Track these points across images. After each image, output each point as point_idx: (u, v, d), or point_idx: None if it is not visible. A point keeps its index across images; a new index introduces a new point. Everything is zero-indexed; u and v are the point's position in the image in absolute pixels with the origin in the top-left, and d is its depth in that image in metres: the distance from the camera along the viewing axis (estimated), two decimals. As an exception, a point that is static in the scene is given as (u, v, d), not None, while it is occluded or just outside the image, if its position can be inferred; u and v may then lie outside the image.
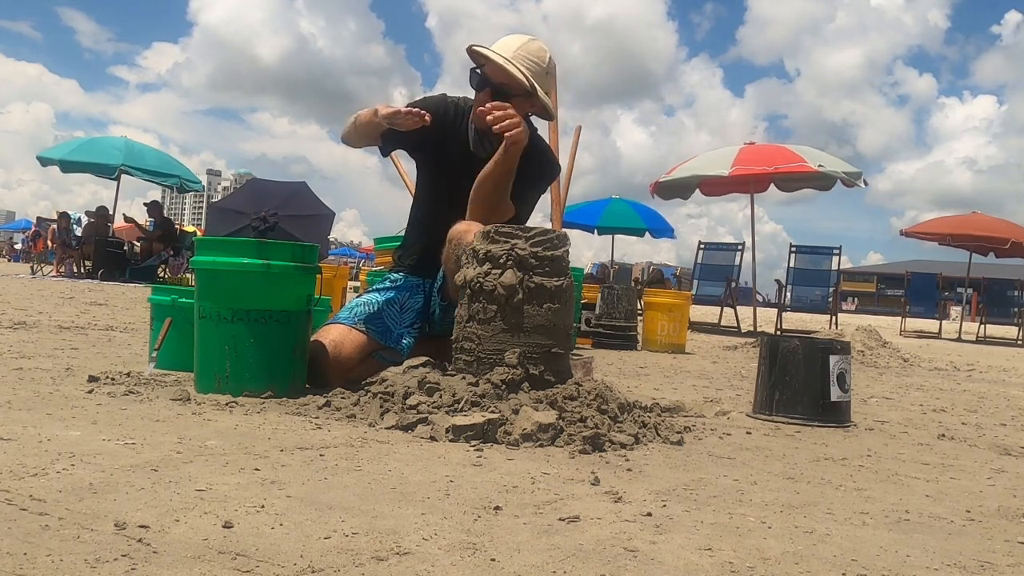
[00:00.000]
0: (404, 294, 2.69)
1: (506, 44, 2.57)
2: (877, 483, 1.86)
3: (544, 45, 2.61)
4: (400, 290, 2.70)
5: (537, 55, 2.56)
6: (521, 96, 2.53)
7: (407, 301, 2.67)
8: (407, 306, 2.67)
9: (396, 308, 2.65)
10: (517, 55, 2.53)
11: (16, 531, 1.10)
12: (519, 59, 2.52)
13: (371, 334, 2.56)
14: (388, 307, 2.64)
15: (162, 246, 12.58)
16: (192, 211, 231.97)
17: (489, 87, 2.53)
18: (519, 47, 2.55)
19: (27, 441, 1.62)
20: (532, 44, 2.58)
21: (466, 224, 2.46)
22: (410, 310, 2.66)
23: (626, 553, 1.20)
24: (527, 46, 2.56)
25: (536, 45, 2.58)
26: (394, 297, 2.67)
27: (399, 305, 2.66)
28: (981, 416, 3.30)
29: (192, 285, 2.58)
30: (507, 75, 2.50)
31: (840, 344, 2.76)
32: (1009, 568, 1.28)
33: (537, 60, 2.55)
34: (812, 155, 10.65)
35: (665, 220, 16.20)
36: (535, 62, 2.54)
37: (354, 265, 25.09)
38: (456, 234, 2.45)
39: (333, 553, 1.11)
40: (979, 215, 13.93)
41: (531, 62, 2.53)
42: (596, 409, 2.11)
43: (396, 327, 2.62)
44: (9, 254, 30.60)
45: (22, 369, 2.60)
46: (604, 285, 7.00)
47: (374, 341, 2.56)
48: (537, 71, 2.54)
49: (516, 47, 2.55)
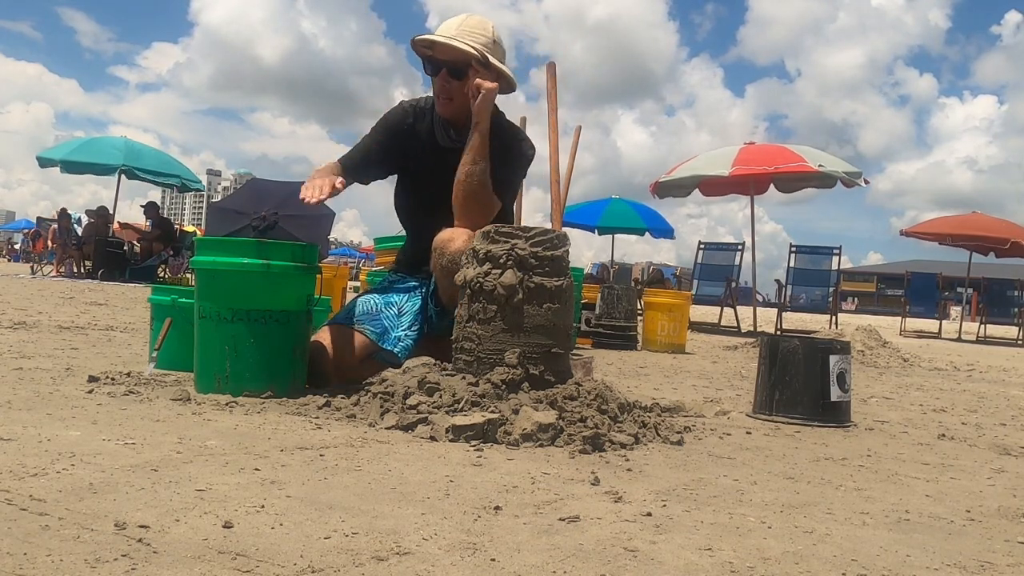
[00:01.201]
0: (402, 295, 2.69)
1: (447, 26, 2.59)
2: (877, 483, 1.86)
3: (485, 18, 2.62)
4: (399, 291, 2.71)
5: (479, 27, 2.57)
6: (481, 72, 2.53)
7: (405, 303, 2.68)
8: (405, 308, 2.67)
9: (394, 309, 2.66)
10: (460, 32, 2.55)
11: (16, 531, 1.10)
12: (462, 35, 2.54)
13: (369, 335, 2.56)
14: (387, 308, 2.65)
15: (162, 246, 12.58)
16: (192, 211, 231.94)
17: (444, 69, 2.55)
18: (459, 25, 2.57)
19: (27, 441, 1.62)
20: (471, 19, 2.60)
21: (450, 232, 2.47)
22: (408, 312, 2.67)
23: (626, 553, 1.20)
24: (467, 21, 2.58)
25: (475, 19, 2.60)
26: (393, 298, 2.68)
27: (397, 307, 2.67)
28: (981, 416, 3.30)
29: (192, 285, 2.58)
30: (455, 51, 2.52)
31: (840, 344, 2.76)
32: (1009, 568, 1.28)
33: (480, 31, 2.56)
34: (812, 155, 10.65)
35: (665, 220, 16.21)
36: (479, 33, 2.56)
37: (354, 265, 25.09)
38: (440, 243, 2.47)
39: (333, 553, 1.11)
40: (979, 215, 13.94)
41: (475, 35, 2.55)
42: (596, 409, 2.11)
43: (394, 328, 2.62)
44: (9, 254, 30.59)
45: (22, 369, 2.60)
46: (604, 285, 7.00)
47: (372, 342, 2.56)
48: (484, 41, 2.55)
49: (456, 25, 2.57)
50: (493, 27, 2.60)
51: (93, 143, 14.59)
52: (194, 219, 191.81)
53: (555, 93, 3.02)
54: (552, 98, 3.01)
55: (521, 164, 2.74)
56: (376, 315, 2.62)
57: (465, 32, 2.55)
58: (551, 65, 3.08)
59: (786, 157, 10.62)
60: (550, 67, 3.08)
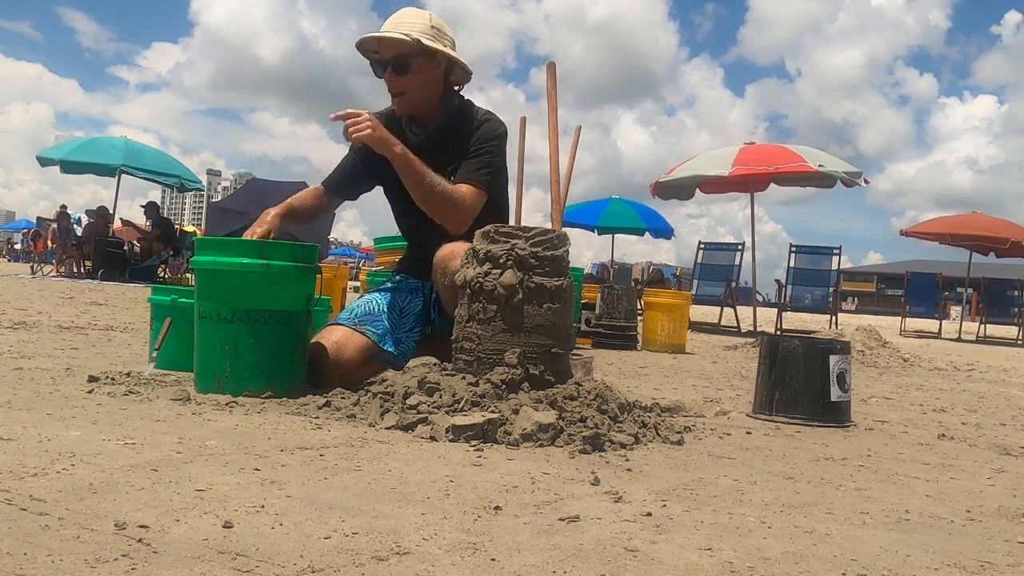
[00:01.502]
0: (404, 296, 2.70)
1: (384, 26, 2.59)
2: (877, 483, 1.86)
3: (420, 9, 2.62)
4: (401, 292, 2.71)
5: (413, 17, 2.57)
6: (421, 59, 2.53)
7: (407, 304, 2.68)
8: (407, 309, 2.67)
9: (396, 311, 2.66)
10: (393, 25, 2.56)
11: (16, 531, 1.10)
12: (396, 28, 2.55)
13: (371, 335, 2.56)
14: (389, 309, 2.65)
15: (162, 246, 12.58)
16: (192, 211, 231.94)
17: (389, 66, 2.55)
18: (394, 20, 2.58)
19: (27, 441, 1.62)
20: (405, 11, 2.60)
21: (450, 249, 2.46)
22: (410, 313, 2.67)
23: (626, 553, 1.20)
24: (401, 14, 2.59)
25: (408, 10, 2.60)
26: (394, 299, 2.68)
27: (399, 308, 2.67)
28: (981, 416, 3.30)
29: (192, 285, 2.58)
30: (394, 46, 2.52)
31: (840, 344, 2.76)
32: (1009, 568, 1.28)
33: (414, 20, 2.56)
34: (812, 155, 10.65)
35: (665, 220, 16.21)
36: (416, 22, 2.55)
37: (354, 265, 25.10)
38: (440, 261, 2.47)
39: (333, 553, 1.11)
40: (979, 215, 13.94)
41: (411, 24, 2.54)
42: (596, 409, 2.11)
43: (396, 330, 2.62)
44: (9, 254, 30.58)
45: (22, 369, 2.60)
46: (604, 285, 7.00)
47: (374, 343, 2.56)
48: (422, 28, 2.54)
49: (392, 21, 2.58)
50: (431, 15, 2.60)
51: (93, 143, 14.59)
52: (194, 219, 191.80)
53: (555, 93, 3.01)
54: (552, 98, 3.01)
55: (491, 148, 2.63)
56: (379, 316, 2.62)
57: (398, 24, 2.55)
58: (551, 65, 3.08)
59: (786, 157, 10.63)
60: (550, 67, 3.08)
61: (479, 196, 2.56)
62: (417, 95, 2.59)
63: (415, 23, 2.55)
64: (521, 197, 4.14)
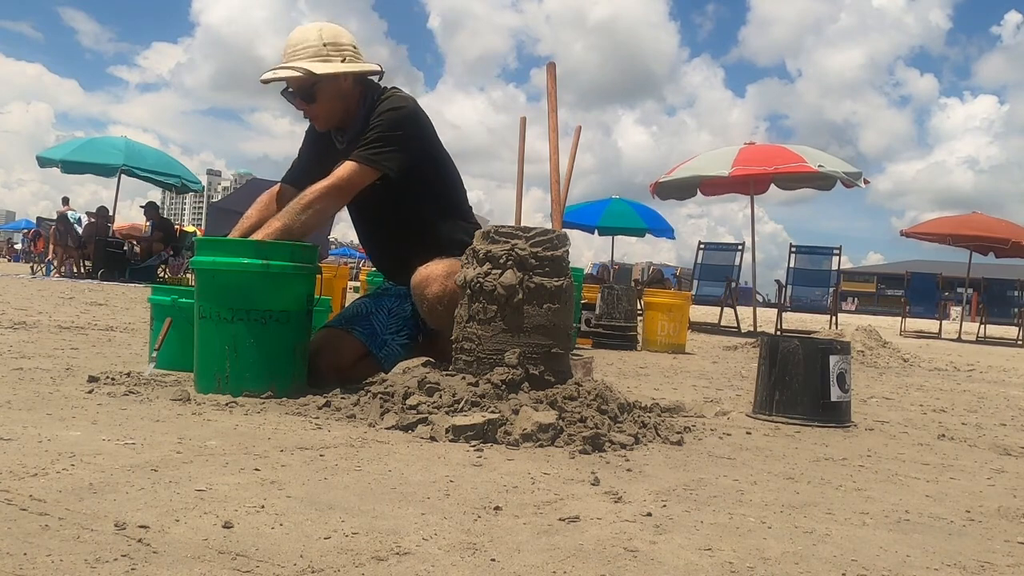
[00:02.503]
0: (394, 300, 2.71)
1: (282, 54, 2.57)
2: (877, 483, 1.86)
3: (309, 27, 2.59)
4: (390, 296, 2.73)
5: (306, 40, 2.54)
6: (326, 83, 2.52)
7: (396, 307, 2.70)
8: (396, 311, 2.69)
9: (384, 312, 2.68)
10: (287, 57, 2.54)
11: (16, 531, 1.10)
12: (290, 59, 2.53)
13: (358, 336, 2.59)
14: (378, 311, 2.68)
15: (162, 246, 12.58)
16: (192, 211, 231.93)
17: (299, 98, 2.56)
18: (288, 50, 2.56)
19: (27, 441, 1.62)
20: (295, 35, 2.57)
21: (424, 273, 2.48)
22: (398, 316, 2.68)
23: (626, 553, 1.20)
24: (292, 40, 2.57)
25: (299, 33, 2.58)
26: (384, 302, 2.71)
27: (387, 310, 2.69)
28: (981, 416, 3.30)
29: (192, 285, 2.58)
30: (295, 81, 2.52)
31: (840, 344, 2.76)
32: (1009, 568, 1.28)
33: (308, 43, 2.54)
34: (812, 155, 10.64)
35: (665, 220, 16.20)
36: (308, 46, 2.53)
37: (354, 265, 25.08)
38: (417, 286, 2.50)
39: (333, 553, 1.11)
40: (979, 215, 13.93)
41: (304, 50, 2.53)
42: (596, 409, 2.11)
43: (383, 331, 2.64)
44: (9, 254, 30.57)
45: (22, 369, 2.60)
46: (604, 285, 7.00)
47: (363, 344, 2.59)
48: (315, 51, 2.52)
49: (286, 51, 2.56)
50: (321, 30, 2.57)
51: (93, 143, 14.58)
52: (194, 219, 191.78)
53: (555, 93, 3.01)
54: (552, 98, 3.01)
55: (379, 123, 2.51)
56: (367, 317, 2.65)
57: (292, 55, 2.54)
58: (551, 65, 3.08)
59: (786, 157, 10.62)
60: (550, 67, 3.08)
61: (357, 172, 2.48)
62: (331, 114, 2.59)
63: (307, 47, 2.53)
64: (521, 197, 4.14)
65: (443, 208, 2.67)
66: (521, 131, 3.84)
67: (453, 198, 2.73)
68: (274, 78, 2.52)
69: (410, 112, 2.55)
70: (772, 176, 10.89)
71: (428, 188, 2.62)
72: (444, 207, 2.68)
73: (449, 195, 2.72)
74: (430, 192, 2.64)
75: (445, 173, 2.70)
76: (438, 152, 2.68)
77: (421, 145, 2.59)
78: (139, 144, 14.46)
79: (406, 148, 2.53)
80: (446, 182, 2.71)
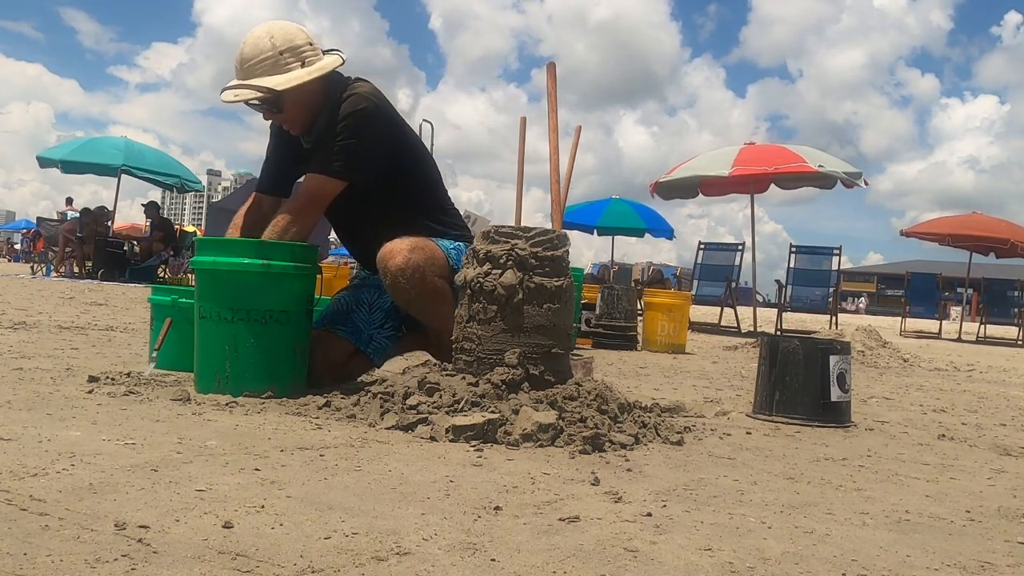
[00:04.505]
0: (372, 292, 2.67)
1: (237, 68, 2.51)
2: (877, 483, 1.86)
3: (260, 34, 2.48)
4: (368, 288, 2.70)
5: (261, 51, 2.46)
6: (288, 92, 2.46)
7: (375, 300, 2.66)
8: (376, 304, 2.66)
9: (365, 308, 2.66)
10: (243, 72, 2.47)
11: (16, 531, 1.10)
12: (246, 74, 2.47)
13: (344, 335, 2.59)
14: (358, 307, 2.66)
15: (162, 246, 12.58)
16: (192, 211, 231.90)
17: (265, 110, 2.53)
18: (242, 65, 2.48)
19: (27, 441, 1.62)
20: (247, 47, 2.48)
21: (390, 248, 2.44)
22: (379, 309, 2.66)
23: (626, 553, 1.20)
24: (244, 53, 2.47)
25: (251, 43, 2.48)
26: (363, 295, 2.68)
27: (367, 304, 2.66)
28: (981, 416, 3.30)
29: (192, 285, 2.58)
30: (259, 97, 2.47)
31: (840, 344, 2.76)
32: (1009, 568, 1.28)
33: (264, 54, 2.45)
34: (812, 155, 10.64)
35: (665, 220, 16.20)
36: (264, 57, 2.45)
37: (354, 265, 25.08)
38: (380, 260, 2.46)
39: (333, 553, 1.11)
40: (979, 215, 13.93)
41: (260, 62, 2.45)
42: (596, 409, 2.11)
43: (367, 327, 2.63)
44: (9, 254, 30.57)
45: (22, 369, 2.60)
46: (604, 285, 7.00)
47: (349, 342, 2.59)
48: (272, 61, 2.45)
49: (241, 67, 2.48)
50: (271, 37, 2.48)
51: (93, 143, 14.59)
52: (194, 219, 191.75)
53: (555, 93, 3.01)
54: (552, 98, 3.00)
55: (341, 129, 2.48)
56: (347, 315, 2.64)
57: (248, 70, 2.46)
58: (551, 65, 3.08)
59: (786, 157, 10.62)
60: (550, 67, 3.08)
61: (327, 184, 2.48)
62: (300, 116, 2.54)
63: (263, 59, 2.45)
64: (521, 197, 4.14)
65: (415, 198, 2.65)
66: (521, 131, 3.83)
67: (424, 186, 2.70)
68: (235, 100, 2.46)
69: (372, 111, 2.51)
70: (772, 176, 10.89)
71: (398, 180, 2.60)
72: (416, 196, 2.65)
73: (420, 183, 2.69)
74: (401, 183, 2.62)
75: (414, 162, 2.66)
76: (406, 142, 2.64)
77: (388, 143, 2.57)
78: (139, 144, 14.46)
79: (373, 150, 2.52)
80: (417, 170, 2.68)
